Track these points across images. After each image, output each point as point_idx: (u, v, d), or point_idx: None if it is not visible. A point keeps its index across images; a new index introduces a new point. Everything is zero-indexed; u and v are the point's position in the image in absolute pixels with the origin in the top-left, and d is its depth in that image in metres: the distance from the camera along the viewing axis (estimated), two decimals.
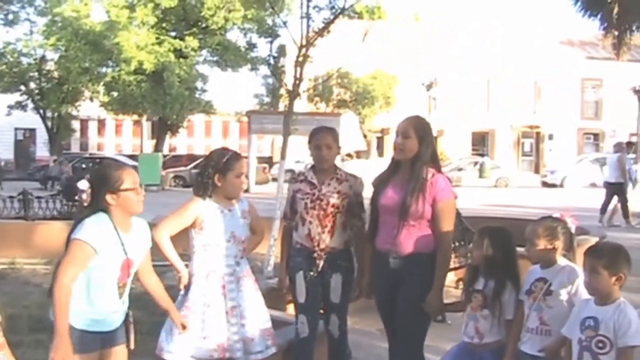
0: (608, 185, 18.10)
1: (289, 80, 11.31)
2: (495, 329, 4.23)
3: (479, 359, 4.23)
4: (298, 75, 10.11)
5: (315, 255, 5.14)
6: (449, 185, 4.63)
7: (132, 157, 42.65)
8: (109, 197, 3.83)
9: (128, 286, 4.05)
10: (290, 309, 7.38)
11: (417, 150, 4.60)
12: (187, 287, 4.60)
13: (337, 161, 5.40)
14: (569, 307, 3.92)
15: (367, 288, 5.05)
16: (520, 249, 4.34)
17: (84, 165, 39.89)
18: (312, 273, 5.16)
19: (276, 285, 5.68)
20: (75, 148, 56.50)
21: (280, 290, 5.58)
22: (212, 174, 4.61)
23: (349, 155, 38.57)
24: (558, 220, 4.12)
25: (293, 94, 10.23)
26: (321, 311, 5.30)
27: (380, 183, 4.85)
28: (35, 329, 7.08)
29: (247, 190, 31.82)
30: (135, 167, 37.14)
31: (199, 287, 4.58)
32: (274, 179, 40.41)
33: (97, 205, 3.86)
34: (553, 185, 38.30)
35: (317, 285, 5.20)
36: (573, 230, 4.08)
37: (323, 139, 5.22)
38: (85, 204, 3.91)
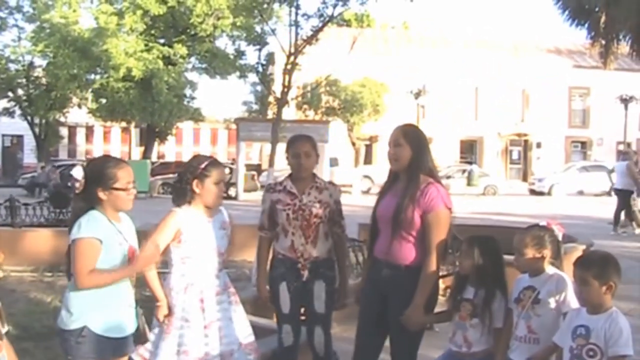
0: (618, 192, 18.22)
1: (277, 87, 11.38)
2: (484, 337, 4.22)
3: None
4: (286, 83, 10.14)
5: (299, 266, 5.07)
6: (442, 195, 4.47)
7: None
8: (100, 193, 3.84)
9: (134, 276, 4.08)
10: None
11: (410, 158, 4.51)
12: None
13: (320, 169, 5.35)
14: (557, 315, 3.93)
15: (358, 293, 4.98)
16: (508, 257, 4.33)
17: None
18: (296, 284, 5.08)
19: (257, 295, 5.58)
20: (63, 155, 56.31)
21: (261, 301, 5.44)
22: (190, 180, 4.53)
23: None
24: (545, 229, 4.12)
25: (281, 102, 10.30)
26: (302, 317, 5.22)
27: (381, 193, 4.80)
28: (21, 337, 6.98)
29: (235, 198, 32.03)
30: None
31: (177, 302, 4.49)
32: (263, 187, 40.51)
33: (88, 196, 3.87)
34: (541, 193, 38.41)
35: (300, 295, 5.12)
36: (560, 238, 4.09)
37: (301, 147, 5.10)
38: (77, 192, 3.89)
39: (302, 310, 5.24)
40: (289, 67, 9.14)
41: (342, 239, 5.26)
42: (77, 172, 3.94)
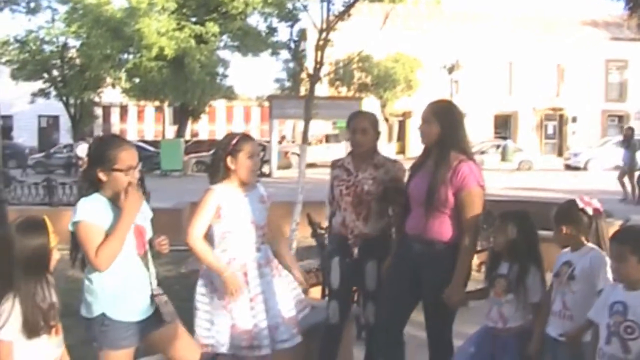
0: None
1: (310, 64, 11.28)
2: (520, 313, 4.22)
3: (502, 343, 4.21)
4: (319, 60, 10.09)
5: (350, 242, 5.10)
6: (475, 173, 4.48)
7: (154, 142, 42.86)
8: (100, 174, 3.77)
9: (149, 257, 4.01)
10: (313, 292, 7.44)
11: (438, 135, 4.52)
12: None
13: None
14: (591, 293, 3.87)
15: (385, 266, 4.99)
16: (542, 232, 4.31)
17: None
18: (347, 260, 5.12)
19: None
20: (98, 134, 56.81)
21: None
22: (224, 156, 4.56)
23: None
24: (577, 204, 4.07)
25: (314, 78, 10.22)
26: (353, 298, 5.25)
27: (412, 170, 4.82)
28: (63, 314, 7.15)
29: (269, 175, 32.12)
30: (157, 154, 37.24)
31: (221, 277, 4.51)
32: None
33: (90, 176, 3.82)
34: (576, 168, 38.01)
35: (352, 273, 5.16)
36: (590, 213, 4.01)
37: (359, 124, 5.14)
38: (82, 170, 3.91)
39: (354, 289, 5.31)
40: (320, 43, 9.10)
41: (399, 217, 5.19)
42: (81, 151, 3.95)
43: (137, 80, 39.86)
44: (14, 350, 3.15)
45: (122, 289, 3.77)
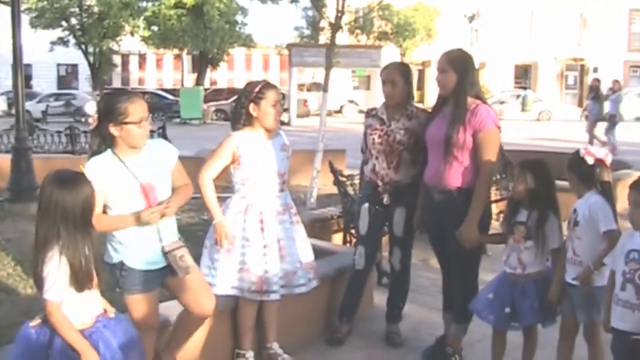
0: None
1: (330, 12, 11.25)
2: (538, 259, 4.31)
3: (521, 289, 4.31)
4: (340, 8, 10.04)
5: (380, 189, 5.20)
6: (492, 115, 4.60)
7: (173, 91, 42.89)
8: (112, 129, 3.76)
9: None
10: (335, 239, 7.56)
11: (455, 83, 4.61)
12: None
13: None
14: (596, 237, 3.97)
15: (417, 221, 5.12)
16: (559, 182, 4.38)
17: None
18: (377, 207, 5.23)
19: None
20: (116, 83, 56.72)
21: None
22: (246, 104, 4.64)
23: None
24: (578, 155, 4.14)
25: (335, 27, 10.18)
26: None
27: (429, 117, 4.93)
28: None
29: (288, 124, 32.11)
30: (176, 102, 37.20)
31: (238, 222, 4.63)
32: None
33: (101, 132, 3.82)
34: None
35: (381, 219, 5.29)
36: (591, 163, 4.08)
37: (388, 75, 5.19)
38: (91, 128, 3.93)
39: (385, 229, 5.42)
40: None
41: None
42: (90, 108, 3.98)
43: (156, 28, 39.78)
44: (67, 306, 3.24)
45: (133, 241, 3.86)
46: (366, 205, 5.28)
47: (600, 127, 19.99)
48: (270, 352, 4.87)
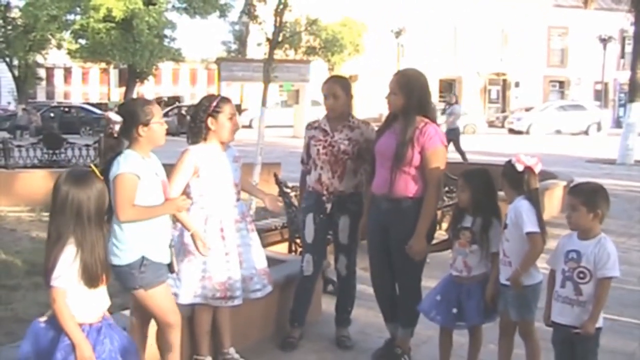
0: None
1: (256, 27, 11.51)
2: (483, 262, 4.60)
3: (467, 290, 4.60)
4: (278, 24, 10.32)
5: (324, 198, 5.44)
6: (439, 134, 4.92)
7: (99, 105, 42.34)
8: (140, 130, 4.08)
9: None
10: (279, 248, 7.74)
11: (403, 103, 4.89)
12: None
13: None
14: (521, 239, 4.29)
15: (362, 229, 5.39)
16: (501, 193, 4.71)
17: (52, 114, 39.63)
18: (321, 216, 5.47)
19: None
20: (41, 97, 55.86)
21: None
22: (205, 118, 4.80)
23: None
24: (510, 162, 4.47)
25: (273, 42, 10.44)
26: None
27: (379, 131, 5.21)
28: (31, 272, 7.25)
29: None
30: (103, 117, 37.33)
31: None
32: (244, 126, 40.38)
33: (128, 136, 4.11)
34: (519, 132, 38.83)
35: (326, 227, 5.55)
36: (520, 170, 4.37)
37: (330, 89, 5.45)
38: (116, 135, 4.13)
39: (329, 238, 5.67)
40: (280, 8, 9.34)
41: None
42: (115, 116, 4.14)
43: (84, 41, 39.24)
44: (78, 302, 3.37)
45: (157, 234, 4.11)
46: (311, 214, 5.50)
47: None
48: (227, 357, 5.04)
